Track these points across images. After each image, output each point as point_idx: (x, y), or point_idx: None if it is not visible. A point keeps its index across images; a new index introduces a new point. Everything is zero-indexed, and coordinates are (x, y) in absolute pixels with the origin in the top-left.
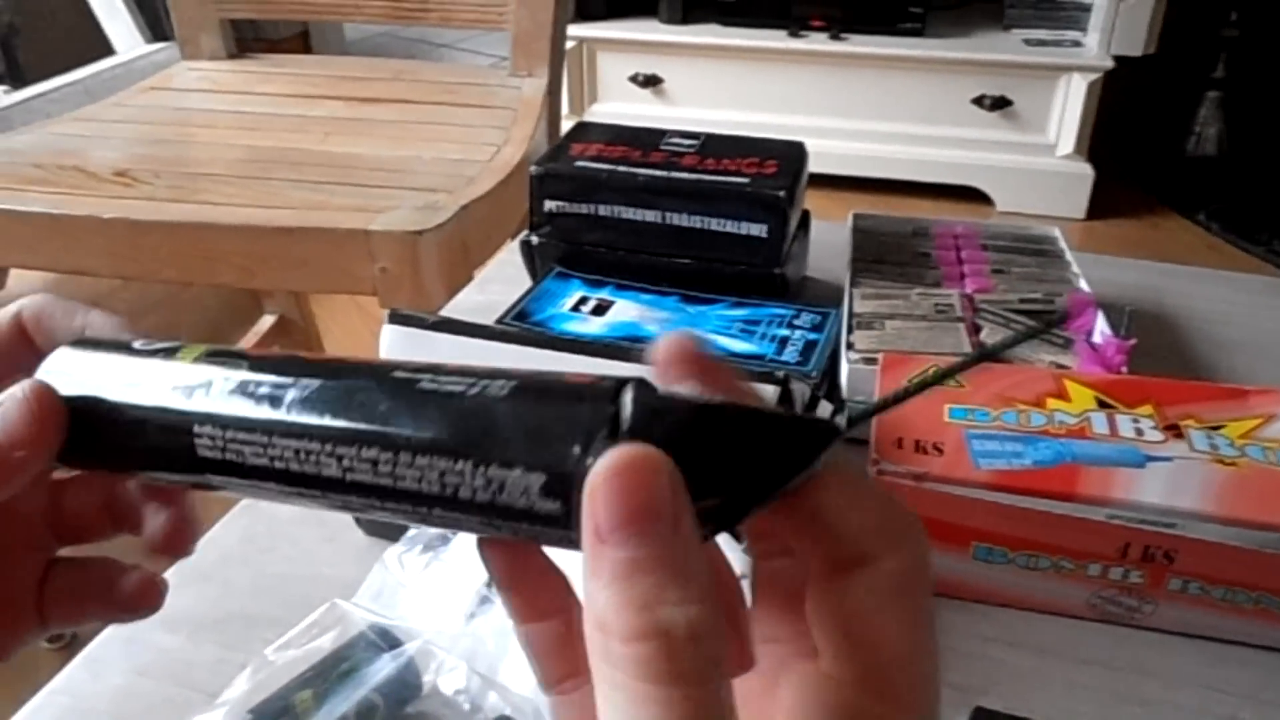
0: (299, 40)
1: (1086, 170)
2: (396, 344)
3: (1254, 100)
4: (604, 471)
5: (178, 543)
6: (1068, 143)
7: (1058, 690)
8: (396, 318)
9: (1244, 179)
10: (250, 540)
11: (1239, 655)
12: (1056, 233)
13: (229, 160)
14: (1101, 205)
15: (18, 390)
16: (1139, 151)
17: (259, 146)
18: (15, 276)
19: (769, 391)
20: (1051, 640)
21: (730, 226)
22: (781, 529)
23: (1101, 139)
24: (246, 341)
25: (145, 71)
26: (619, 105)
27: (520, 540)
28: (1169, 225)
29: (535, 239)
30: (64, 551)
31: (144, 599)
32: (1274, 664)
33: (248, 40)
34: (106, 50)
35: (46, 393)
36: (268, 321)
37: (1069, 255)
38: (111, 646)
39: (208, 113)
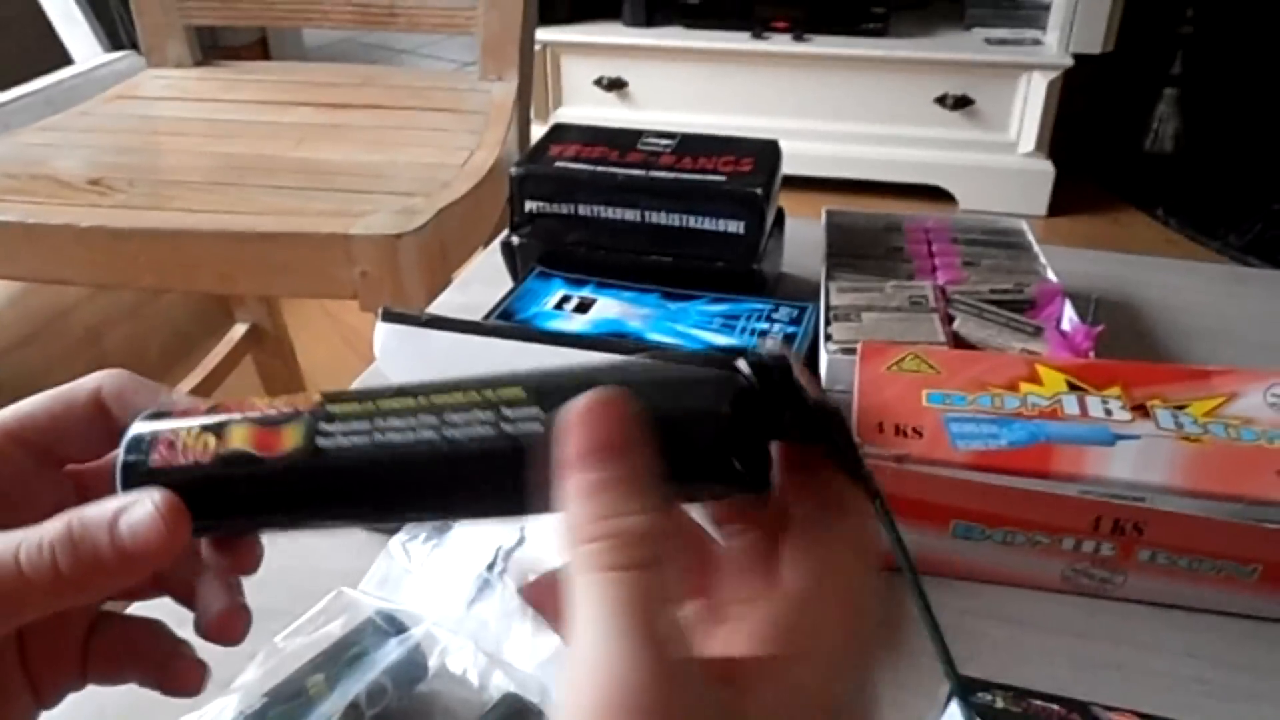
0: (258, 47)
1: (1048, 167)
2: (390, 341)
3: (1210, 97)
4: (578, 410)
5: (230, 631)
6: (1029, 140)
7: (1036, 659)
8: (390, 316)
9: (1201, 175)
10: None
11: (1206, 622)
12: (1024, 225)
13: (202, 168)
14: (1063, 202)
15: (149, 501)
16: (1099, 148)
17: (232, 154)
18: None
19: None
20: (1029, 613)
21: (708, 224)
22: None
23: (1062, 136)
24: (220, 350)
25: (107, 80)
26: (584, 109)
27: None
28: (1129, 220)
29: (516, 239)
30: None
31: (185, 682)
32: (1238, 629)
33: (206, 48)
34: (64, 60)
35: (176, 506)
36: (239, 330)
37: (1036, 247)
38: None
39: (177, 120)
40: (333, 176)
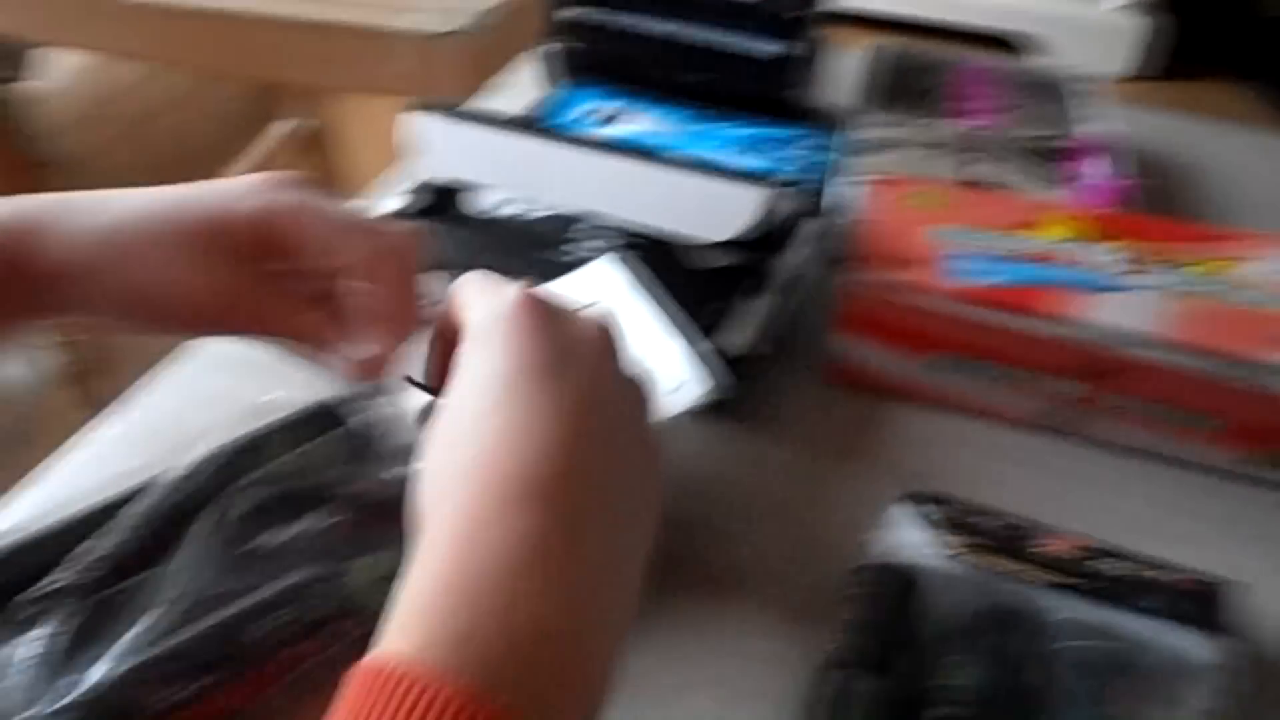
0: None
1: (1141, 24)
2: (426, 134)
3: None
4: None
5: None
6: None
7: (996, 485)
8: (427, 108)
9: None
10: None
11: (1162, 470)
12: (1084, 76)
13: None
14: (1155, 63)
15: None
16: (1203, 7)
17: None
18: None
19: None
20: (997, 443)
21: (744, 44)
22: None
23: None
24: (264, 146)
25: None
26: None
27: None
28: (1223, 91)
29: (553, 48)
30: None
31: (372, 372)
32: (1192, 480)
33: None
34: None
35: None
36: (284, 128)
37: (1090, 100)
38: None
39: None
40: None
